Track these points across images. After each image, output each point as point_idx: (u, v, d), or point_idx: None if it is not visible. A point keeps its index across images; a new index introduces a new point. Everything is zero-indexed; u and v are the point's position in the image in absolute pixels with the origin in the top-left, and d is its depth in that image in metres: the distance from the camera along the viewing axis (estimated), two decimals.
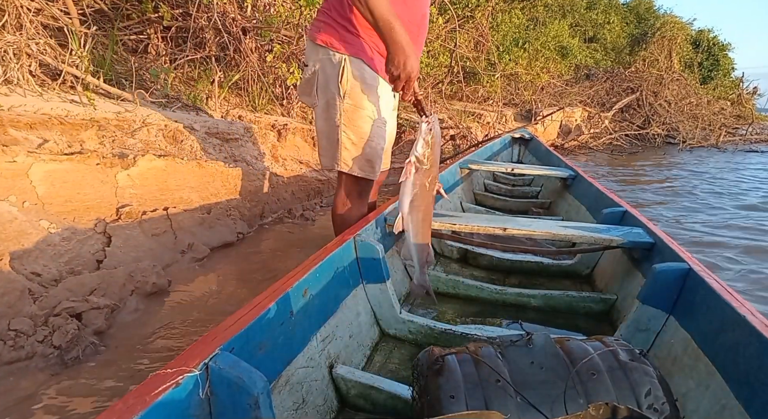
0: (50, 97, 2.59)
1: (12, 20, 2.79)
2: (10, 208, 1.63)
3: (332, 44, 1.52)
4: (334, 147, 1.62)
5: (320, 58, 1.56)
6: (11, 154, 1.69)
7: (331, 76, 1.54)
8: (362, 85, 1.54)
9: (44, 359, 1.35)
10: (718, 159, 7.69)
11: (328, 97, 1.58)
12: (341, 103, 1.55)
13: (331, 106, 1.58)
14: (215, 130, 2.83)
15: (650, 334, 1.24)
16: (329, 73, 1.54)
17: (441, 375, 0.85)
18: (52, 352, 1.36)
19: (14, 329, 1.35)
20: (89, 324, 1.48)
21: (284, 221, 2.96)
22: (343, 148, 1.60)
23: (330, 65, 1.54)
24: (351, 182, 1.66)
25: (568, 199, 2.87)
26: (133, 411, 0.61)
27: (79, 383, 1.32)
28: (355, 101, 1.55)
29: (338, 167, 1.62)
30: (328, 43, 1.53)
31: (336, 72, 1.53)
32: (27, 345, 1.34)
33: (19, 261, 1.55)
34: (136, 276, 1.73)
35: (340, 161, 1.61)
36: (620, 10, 13.47)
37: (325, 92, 1.58)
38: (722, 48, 14.14)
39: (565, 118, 8.19)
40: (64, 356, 1.37)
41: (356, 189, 1.68)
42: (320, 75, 1.57)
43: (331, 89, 1.56)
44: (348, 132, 1.58)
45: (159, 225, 2.12)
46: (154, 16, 3.77)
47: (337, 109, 1.57)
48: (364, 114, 1.57)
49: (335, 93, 1.55)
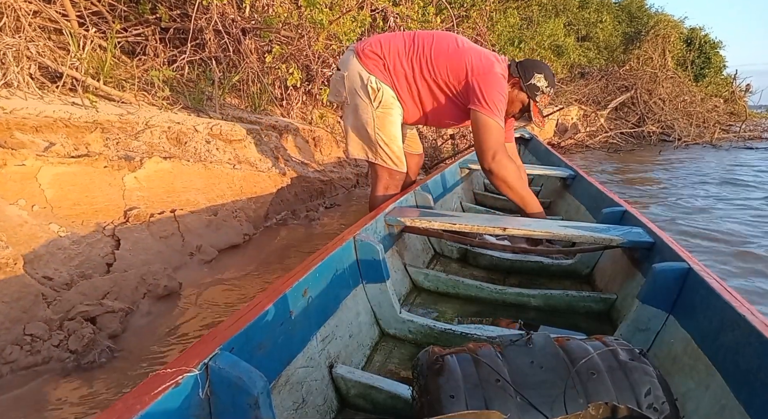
0: (51, 99, 2.57)
1: (10, 22, 2.77)
2: (20, 211, 1.62)
3: (369, 67, 1.95)
4: (371, 144, 2.03)
5: (353, 69, 1.96)
6: (20, 158, 1.68)
7: (362, 88, 1.95)
8: (390, 99, 1.97)
9: (60, 363, 1.35)
10: (714, 156, 7.76)
11: (358, 101, 1.98)
12: (374, 110, 1.96)
13: (363, 110, 1.98)
14: (218, 131, 2.82)
15: (650, 334, 1.24)
16: (360, 85, 1.95)
17: (441, 374, 0.85)
18: (68, 357, 1.36)
19: (30, 334, 1.34)
20: (104, 328, 1.47)
21: (288, 222, 2.96)
22: (378, 147, 2.02)
23: (361, 81, 1.95)
24: (387, 174, 2.09)
25: (568, 199, 2.88)
26: (133, 411, 0.61)
27: (96, 387, 1.32)
28: (384, 109, 1.97)
29: (377, 162, 2.06)
30: (366, 64, 1.95)
31: (366, 85, 1.94)
32: (43, 349, 1.34)
33: (30, 265, 1.54)
34: (148, 280, 1.72)
35: (378, 157, 2.05)
36: (612, 8, 13.55)
37: (353, 96, 1.98)
38: (713, 46, 14.27)
39: (562, 116, 8.23)
40: (81, 360, 1.36)
41: (392, 180, 2.11)
42: (348, 81, 1.98)
43: (361, 96, 1.97)
44: (381, 134, 2.00)
45: (167, 227, 2.11)
46: (152, 18, 3.76)
47: (369, 114, 1.98)
48: (391, 119, 1.99)
49: (367, 101, 1.96)
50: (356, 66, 1.95)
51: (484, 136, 1.86)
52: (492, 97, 1.84)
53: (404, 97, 1.99)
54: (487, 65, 1.88)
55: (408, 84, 1.96)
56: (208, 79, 3.69)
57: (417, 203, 2.17)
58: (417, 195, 2.19)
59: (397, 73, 1.95)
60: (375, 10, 4.68)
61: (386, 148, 2.02)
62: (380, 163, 2.06)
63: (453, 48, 1.93)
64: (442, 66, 1.91)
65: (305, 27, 3.93)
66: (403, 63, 1.94)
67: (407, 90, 1.98)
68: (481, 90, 1.84)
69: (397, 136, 2.02)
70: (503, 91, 1.89)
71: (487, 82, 1.85)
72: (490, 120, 1.84)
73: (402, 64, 1.94)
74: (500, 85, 1.88)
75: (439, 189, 2.62)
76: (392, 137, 2.01)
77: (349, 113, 2.04)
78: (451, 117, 2.07)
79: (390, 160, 2.05)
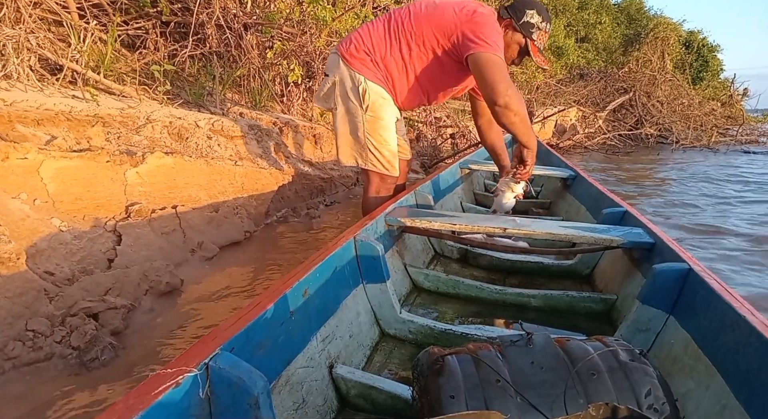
0: (51, 92, 2.55)
1: (10, 13, 2.74)
2: (22, 205, 1.60)
3: (356, 67, 1.87)
4: (361, 149, 1.96)
5: (341, 73, 1.89)
6: (22, 151, 1.66)
7: (352, 91, 1.88)
8: (380, 101, 1.89)
9: (63, 360, 1.34)
10: (712, 160, 7.79)
11: (348, 106, 1.91)
12: (364, 114, 1.90)
13: (351, 114, 1.92)
14: (219, 127, 2.81)
15: (650, 334, 1.25)
16: (350, 87, 1.88)
17: (441, 375, 0.85)
18: (70, 353, 1.35)
19: (32, 329, 1.33)
20: (107, 324, 1.46)
21: (289, 220, 2.95)
22: (368, 152, 1.96)
23: (351, 82, 1.88)
24: (378, 178, 2.02)
25: (569, 199, 2.88)
26: (133, 411, 0.61)
27: (99, 385, 1.31)
28: (375, 113, 1.90)
29: (367, 166, 1.99)
30: (353, 64, 1.87)
31: (357, 88, 1.86)
32: (45, 345, 1.32)
33: (32, 260, 1.53)
34: (150, 276, 1.71)
35: (368, 162, 1.98)
36: (611, 10, 13.60)
37: (344, 101, 1.91)
38: (711, 49, 14.35)
39: (560, 117, 8.24)
40: (83, 357, 1.35)
41: (383, 184, 2.04)
42: (339, 86, 1.91)
43: (351, 100, 1.89)
44: (371, 138, 1.93)
45: (168, 223, 2.10)
46: (153, 11, 3.72)
47: (359, 119, 1.91)
48: (382, 124, 1.93)
49: (357, 105, 1.89)
50: (344, 69, 1.88)
51: (491, 70, 1.69)
52: (486, 34, 1.72)
53: (400, 84, 1.92)
54: (470, 9, 1.78)
55: (401, 67, 1.88)
56: (209, 74, 3.67)
57: (417, 203, 2.17)
58: (417, 195, 2.19)
59: (387, 62, 1.87)
60: (377, 7, 4.66)
61: (376, 151, 1.95)
62: (371, 168, 1.99)
63: (431, 8, 1.83)
64: (427, 31, 1.81)
65: (307, 23, 3.91)
66: (391, 47, 1.86)
67: (403, 74, 1.90)
68: (473, 32, 1.73)
69: (388, 139, 1.96)
70: (497, 27, 1.78)
71: (476, 22, 1.74)
72: (492, 55, 1.70)
73: (389, 49, 1.86)
74: (491, 21, 1.77)
75: (439, 189, 2.62)
76: (383, 141, 1.94)
77: (338, 119, 1.97)
78: (455, 79, 1.97)
79: (381, 165, 1.98)
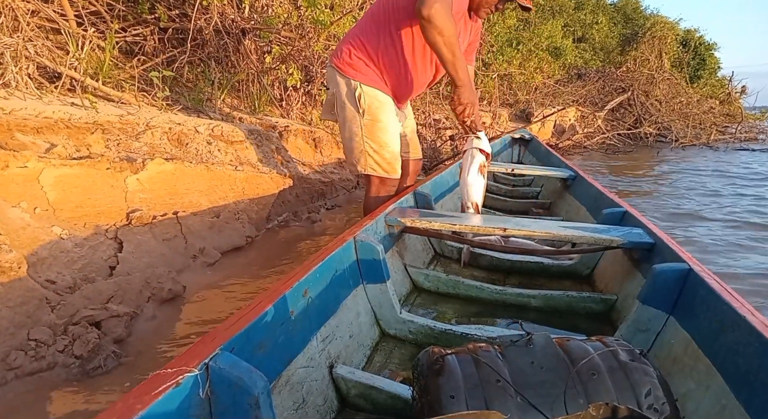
0: (50, 100, 2.54)
1: (8, 22, 2.74)
2: (22, 214, 1.60)
3: (350, 73, 1.87)
4: (359, 155, 1.95)
5: (338, 83, 1.91)
6: (22, 160, 1.66)
7: (349, 98, 1.89)
8: (377, 104, 1.89)
9: (66, 369, 1.33)
10: (712, 157, 7.79)
11: (347, 114, 1.93)
12: (361, 119, 1.90)
13: (351, 122, 1.93)
14: (219, 132, 2.80)
15: (650, 334, 1.25)
16: (347, 95, 1.89)
17: (441, 375, 0.85)
18: (73, 362, 1.34)
19: (34, 339, 1.32)
20: (109, 332, 1.45)
21: (290, 224, 2.94)
22: (367, 156, 1.95)
23: (347, 89, 1.89)
24: (378, 182, 2.01)
25: (569, 200, 2.88)
26: (133, 411, 0.61)
27: (102, 393, 1.30)
28: (372, 116, 1.90)
29: (365, 171, 1.98)
30: (347, 72, 1.87)
31: (353, 94, 1.87)
32: (48, 355, 1.32)
33: (33, 268, 1.52)
34: (152, 283, 1.71)
35: (367, 166, 1.97)
36: (608, 10, 13.63)
37: (344, 110, 1.93)
38: (708, 47, 14.37)
39: (559, 117, 8.25)
40: (86, 366, 1.35)
41: (383, 187, 2.02)
42: (338, 97, 1.92)
43: (350, 108, 1.91)
44: (369, 142, 1.93)
45: (169, 229, 2.09)
46: (151, 18, 3.72)
47: (358, 124, 1.92)
48: (381, 126, 1.92)
49: (355, 110, 1.90)
50: (339, 79, 1.90)
51: None
52: None
53: (401, 79, 1.90)
54: None
55: (394, 53, 1.84)
56: (208, 79, 3.67)
57: (417, 203, 2.17)
58: (417, 195, 2.19)
59: (383, 61, 1.85)
60: None
61: (376, 155, 1.94)
62: (370, 172, 1.98)
63: None
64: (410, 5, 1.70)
65: (305, 27, 3.91)
66: (383, 42, 1.82)
67: (402, 67, 1.87)
68: None
69: (387, 141, 1.94)
70: None
71: None
72: None
73: (381, 45, 1.82)
74: None
75: (439, 189, 2.62)
76: (382, 143, 1.93)
77: (341, 128, 1.99)
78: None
79: (380, 168, 1.96)
